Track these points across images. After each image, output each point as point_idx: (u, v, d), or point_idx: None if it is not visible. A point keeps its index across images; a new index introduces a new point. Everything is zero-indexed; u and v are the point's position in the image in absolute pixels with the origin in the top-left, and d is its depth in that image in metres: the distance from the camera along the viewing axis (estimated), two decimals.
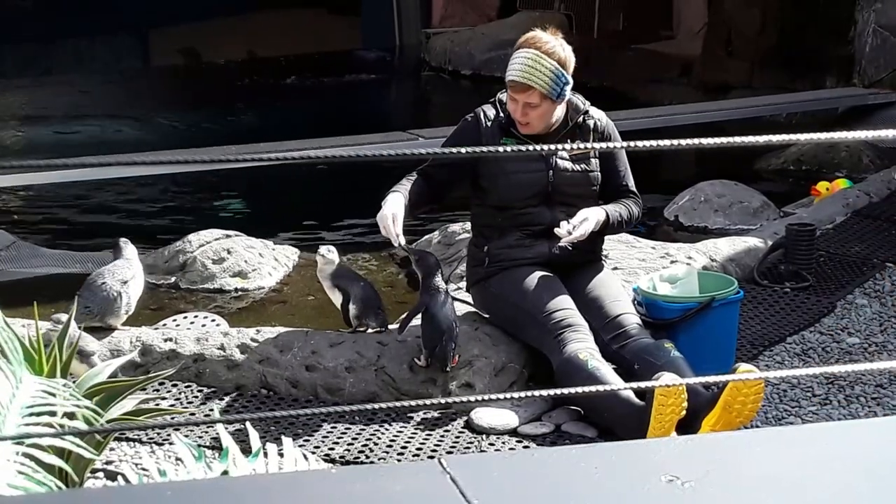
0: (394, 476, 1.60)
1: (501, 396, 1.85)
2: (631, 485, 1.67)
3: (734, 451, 1.81)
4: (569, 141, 4.32)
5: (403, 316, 4.27)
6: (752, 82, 10.23)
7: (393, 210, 4.11)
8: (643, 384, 3.84)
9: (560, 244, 4.25)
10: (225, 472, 2.89)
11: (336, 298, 4.41)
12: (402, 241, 4.13)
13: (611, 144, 3.78)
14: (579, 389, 3.75)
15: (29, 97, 12.28)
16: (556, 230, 4.18)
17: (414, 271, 4.32)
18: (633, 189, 4.44)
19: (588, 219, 4.20)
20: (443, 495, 1.53)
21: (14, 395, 2.72)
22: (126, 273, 4.51)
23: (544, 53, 4.17)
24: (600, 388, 3.79)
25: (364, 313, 4.37)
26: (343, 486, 1.59)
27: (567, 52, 4.23)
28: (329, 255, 4.42)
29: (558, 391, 2.02)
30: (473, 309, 4.44)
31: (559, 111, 4.32)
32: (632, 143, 1.87)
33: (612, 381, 3.89)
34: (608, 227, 4.31)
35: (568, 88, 4.23)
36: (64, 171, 6.52)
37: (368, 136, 7.54)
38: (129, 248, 4.66)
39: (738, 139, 1.91)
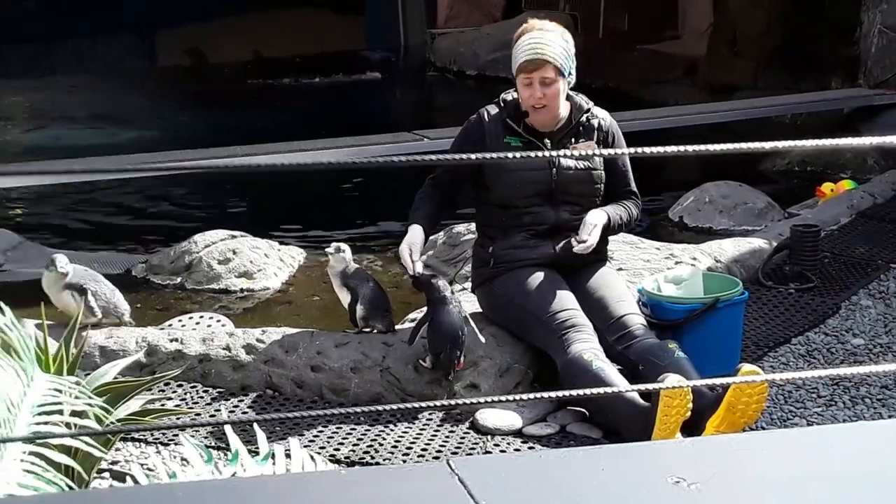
0: (402, 477, 1.61)
1: (506, 398, 1.86)
2: (637, 486, 1.68)
3: (740, 453, 1.82)
4: (573, 140, 4.34)
5: (413, 326, 4.26)
6: (758, 83, 10.21)
7: (410, 242, 4.24)
8: (648, 386, 3.85)
9: (562, 244, 4.26)
10: (234, 475, 2.90)
11: (344, 298, 4.41)
12: (420, 269, 4.22)
13: (616, 151, 3.77)
14: (584, 391, 3.76)
15: (33, 98, 12.29)
16: (577, 249, 4.20)
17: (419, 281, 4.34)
18: (634, 189, 4.45)
19: (597, 225, 4.22)
20: (451, 497, 1.54)
21: (25, 394, 2.73)
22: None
23: (548, 31, 4.28)
24: (605, 389, 3.79)
25: (371, 315, 4.37)
26: (351, 487, 1.59)
27: (567, 36, 4.33)
28: (341, 253, 4.42)
29: (563, 393, 2.01)
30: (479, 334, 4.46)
31: (564, 108, 4.33)
32: (637, 150, 1.87)
33: (617, 382, 3.89)
34: (608, 230, 4.32)
35: (574, 70, 4.29)
36: (70, 173, 6.52)
37: (374, 137, 7.54)
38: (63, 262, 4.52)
39: (743, 145, 1.92)
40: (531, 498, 1.59)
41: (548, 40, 4.23)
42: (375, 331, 4.39)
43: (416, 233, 4.27)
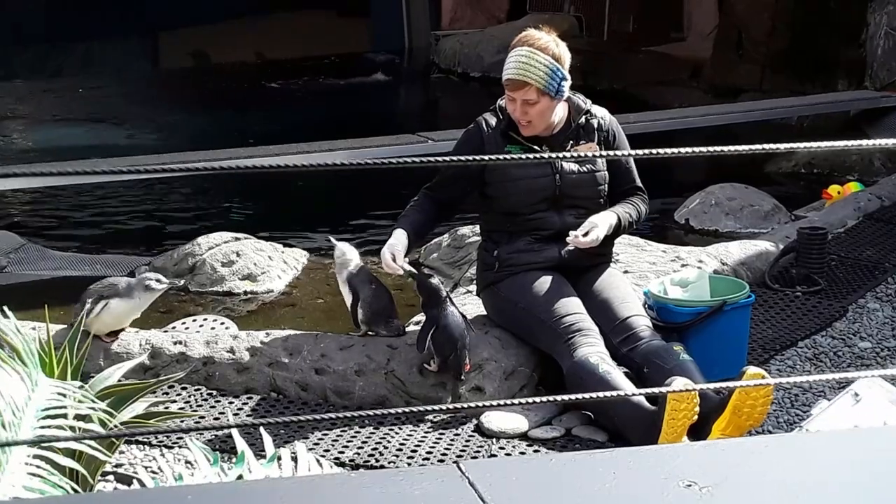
0: (412, 480, 1.59)
1: (512, 402, 1.84)
2: (649, 490, 1.67)
3: (752, 457, 1.80)
4: (571, 143, 4.31)
5: (418, 334, 4.23)
6: (763, 85, 10.20)
7: (392, 248, 4.20)
8: (656, 390, 3.83)
9: (568, 248, 4.24)
10: (240, 477, 2.89)
11: (347, 298, 4.39)
12: (408, 267, 4.21)
13: (619, 153, 3.71)
14: (591, 395, 3.74)
15: (38, 99, 12.29)
16: (568, 239, 4.18)
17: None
18: (640, 185, 4.43)
19: (598, 225, 4.18)
20: (462, 500, 1.52)
21: (30, 398, 2.72)
22: (108, 289, 4.34)
23: (538, 49, 4.16)
24: (612, 393, 3.77)
25: (373, 319, 4.33)
26: (361, 490, 1.58)
27: (562, 49, 4.22)
28: (345, 253, 4.38)
29: (569, 396, 2.00)
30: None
31: (560, 111, 4.30)
32: (639, 151, 1.86)
33: (623, 385, 3.87)
34: (620, 230, 4.30)
35: (566, 85, 4.21)
36: (73, 175, 6.51)
37: (378, 139, 7.54)
38: (143, 281, 4.36)
39: (746, 147, 1.90)
40: (542, 501, 1.57)
41: (533, 61, 4.14)
42: (380, 335, 4.36)
43: (398, 237, 4.24)
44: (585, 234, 4.16)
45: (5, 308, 3.34)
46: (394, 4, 15.14)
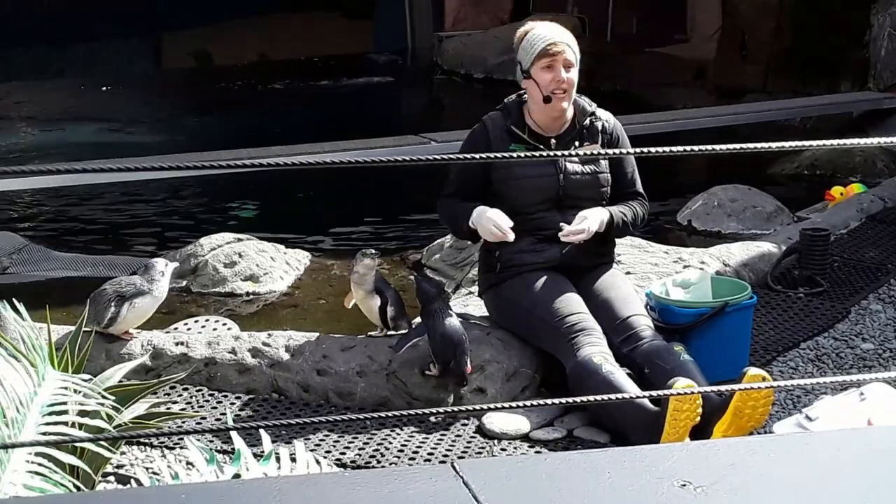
0: (407, 480, 1.60)
1: (513, 405, 1.85)
2: (644, 489, 1.67)
3: (747, 457, 1.80)
4: (576, 144, 4.31)
5: (401, 335, 4.23)
6: (767, 86, 10.20)
7: (496, 216, 4.17)
8: (659, 393, 3.82)
9: (568, 247, 4.24)
10: (237, 476, 2.89)
11: (374, 302, 4.38)
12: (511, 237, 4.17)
13: (621, 150, 3.74)
14: (593, 398, 3.74)
15: (42, 100, 12.31)
16: (560, 234, 4.18)
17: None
18: (640, 190, 4.43)
19: (588, 218, 4.18)
20: (456, 499, 1.52)
21: (35, 393, 2.72)
22: (128, 289, 4.34)
23: (559, 25, 4.34)
24: (615, 395, 3.77)
25: (399, 315, 4.39)
26: (356, 489, 1.58)
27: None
28: (374, 260, 4.41)
29: (571, 400, 2.01)
30: (481, 321, 4.44)
31: (568, 111, 4.31)
32: (643, 150, 1.86)
33: (626, 386, 3.87)
34: (613, 229, 4.28)
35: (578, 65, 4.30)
36: (75, 175, 6.52)
37: (381, 140, 7.54)
38: (155, 270, 4.40)
39: (751, 145, 1.90)
40: (536, 501, 1.57)
41: (560, 28, 4.29)
42: (399, 331, 4.38)
43: (484, 208, 4.21)
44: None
45: (14, 301, 3.35)
46: (397, 5, 15.14)
